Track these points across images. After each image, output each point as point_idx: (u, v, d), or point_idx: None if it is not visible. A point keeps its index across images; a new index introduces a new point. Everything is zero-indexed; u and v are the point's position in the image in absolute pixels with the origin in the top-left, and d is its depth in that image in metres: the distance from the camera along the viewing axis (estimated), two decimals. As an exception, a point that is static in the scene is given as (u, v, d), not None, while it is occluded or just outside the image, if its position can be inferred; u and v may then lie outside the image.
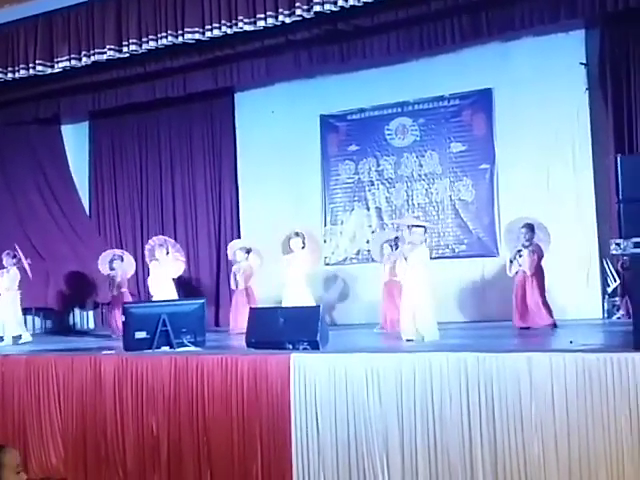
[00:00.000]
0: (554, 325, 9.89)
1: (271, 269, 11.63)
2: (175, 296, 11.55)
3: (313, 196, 13.32)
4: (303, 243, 11.09)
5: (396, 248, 10.74)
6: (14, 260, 11.38)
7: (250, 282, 11.87)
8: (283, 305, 10.40)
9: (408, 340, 8.65)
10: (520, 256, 10.13)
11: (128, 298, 12.41)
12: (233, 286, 12.03)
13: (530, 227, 10.16)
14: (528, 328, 9.93)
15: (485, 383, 6.44)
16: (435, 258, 11.25)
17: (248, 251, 11.89)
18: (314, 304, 10.15)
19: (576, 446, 6.13)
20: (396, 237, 10.96)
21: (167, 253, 11.94)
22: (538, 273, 10.12)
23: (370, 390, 6.84)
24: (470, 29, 10.76)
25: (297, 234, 11.12)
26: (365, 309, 12.11)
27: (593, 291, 11.29)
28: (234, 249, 12.13)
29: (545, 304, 10.04)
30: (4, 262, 11.38)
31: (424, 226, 9.44)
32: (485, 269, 12.09)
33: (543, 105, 11.65)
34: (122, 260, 12.70)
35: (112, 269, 12.61)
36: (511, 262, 10.26)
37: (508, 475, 6.32)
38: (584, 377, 6.14)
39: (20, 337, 11.24)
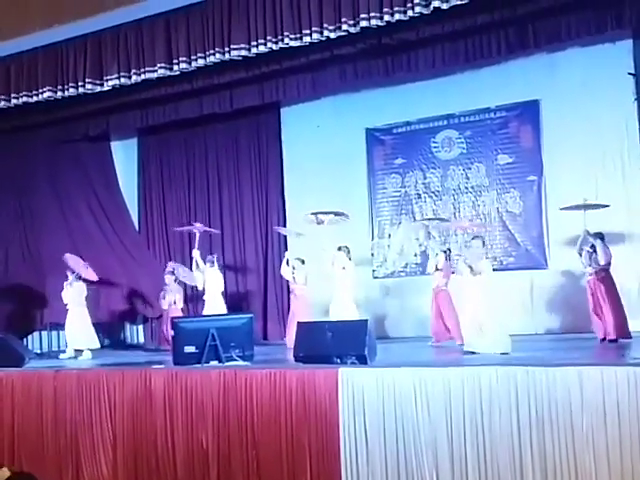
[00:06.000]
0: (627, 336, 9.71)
1: (317, 283, 11.64)
2: (224, 310, 11.64)
3: (360, 210, 13.34)
4: (348, 257, 11.08)
5: (447, 260, 10.81)
6: (77, 275, 11.55)
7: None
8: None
9: (471, 352, 8.62)
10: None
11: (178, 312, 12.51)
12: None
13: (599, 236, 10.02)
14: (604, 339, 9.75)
15: (535, 397, 6.37)
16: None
17: (303, 262, 11.90)
18: (359, 318, 10.16)
19: (628, 460, 6.04)
20: (448, 248, 11.19)
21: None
22: (607, 280, 9.90)
23: (419, 404, 6.81)
24: (516, 41, 10.75)
25: (340, 249, 11.11)
26: (414, 322, 12.08)
27: (645, 303, 11.14)
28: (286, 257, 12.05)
29: (615, 314, 9.76)
30: (69, 277, 11.53)
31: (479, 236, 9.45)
32: (534, 281, 12.01)
33: (591, 116, 11.57)
34: (173, 274, 12.84)
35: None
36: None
37: (560, 490, 6.26)
38: (636, 391, 6.05)
39: (81, 352, 11.36)
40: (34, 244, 13.96)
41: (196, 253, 12.13)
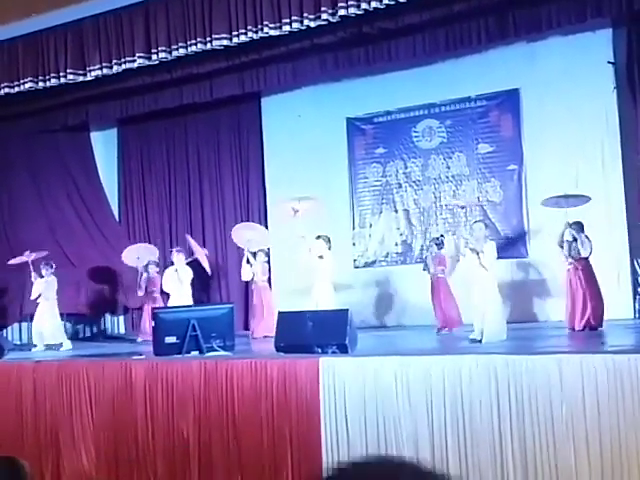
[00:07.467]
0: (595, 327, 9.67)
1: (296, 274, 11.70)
2: (190, 300, 11.76)
3: (341, 199, 13.32)
4: (328, 246, 11.07)
5: (440, 247, 10.94)
6: (52, 269, 11.48)
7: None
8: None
9: (473, 340, 8.64)
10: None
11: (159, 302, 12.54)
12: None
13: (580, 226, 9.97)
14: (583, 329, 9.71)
15: (515, 385, 6.40)
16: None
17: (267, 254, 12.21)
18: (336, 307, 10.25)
19: (608, 447, 6.08)
20: (441, 235, 11.37)
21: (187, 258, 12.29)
22: (587, 270, 9.85)
23: (400, 393, 6.83)
24: (496, 30, 10.75)
25: (319, 237, 11.08)
26: (395, 311, 12.11)
27: (624, 291, 11.20)
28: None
29: (597, 303, 9.71)
30: (42, 271, 11.46)
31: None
32: (514, 270, 12.03)
33: (571, 105, 11.59)
34: (157, 265, 12.86)
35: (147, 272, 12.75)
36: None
37: (540, 478, 6.28)
38: (615, 378, 6.09)
39: (61, 345, 11.27)
40: (13, 235, 13.88)
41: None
